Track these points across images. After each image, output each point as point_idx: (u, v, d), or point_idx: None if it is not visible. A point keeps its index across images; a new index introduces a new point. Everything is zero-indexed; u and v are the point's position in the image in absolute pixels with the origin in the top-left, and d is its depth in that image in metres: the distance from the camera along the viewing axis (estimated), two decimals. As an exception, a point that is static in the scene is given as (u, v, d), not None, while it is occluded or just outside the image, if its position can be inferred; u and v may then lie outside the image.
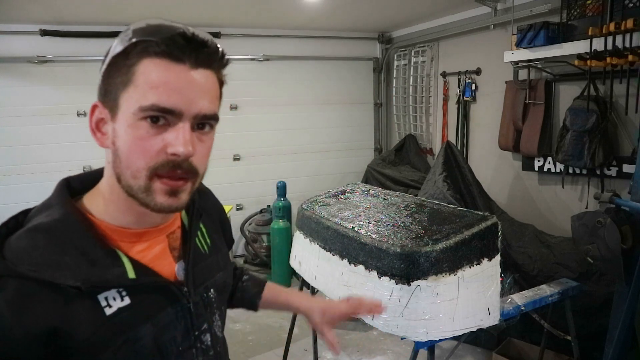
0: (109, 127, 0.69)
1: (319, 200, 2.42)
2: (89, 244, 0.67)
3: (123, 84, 0.65)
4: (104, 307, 0.66)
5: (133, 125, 0.65)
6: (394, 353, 3.11)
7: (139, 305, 0.70)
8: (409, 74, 4.73)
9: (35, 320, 0.61)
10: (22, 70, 3.94)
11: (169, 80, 0.64)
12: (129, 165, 0.67)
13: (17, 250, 0.64)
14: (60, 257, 0.64)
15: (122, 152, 0.67)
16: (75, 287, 0.63)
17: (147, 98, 0.64)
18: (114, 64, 0.67)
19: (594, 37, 2.49)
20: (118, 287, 0.68)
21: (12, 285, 0.61)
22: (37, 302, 0.61)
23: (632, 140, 2.71)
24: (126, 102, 0.65)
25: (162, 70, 0.64)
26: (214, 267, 0.86)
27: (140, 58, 0.64)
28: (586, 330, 2.45)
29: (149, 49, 0.64)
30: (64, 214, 0.68)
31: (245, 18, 4.06)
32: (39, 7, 3.37)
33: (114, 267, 0.68)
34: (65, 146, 4.13)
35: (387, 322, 1.79)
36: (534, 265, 2.71)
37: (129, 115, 0.65)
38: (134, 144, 0.65)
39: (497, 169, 3.77)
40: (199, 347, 0.79)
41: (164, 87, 0.64)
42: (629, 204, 1.92)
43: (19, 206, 0.75)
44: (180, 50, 0.64)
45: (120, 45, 0.66)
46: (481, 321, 1.82)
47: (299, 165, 4.88)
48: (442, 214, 1.97)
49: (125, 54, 0.65)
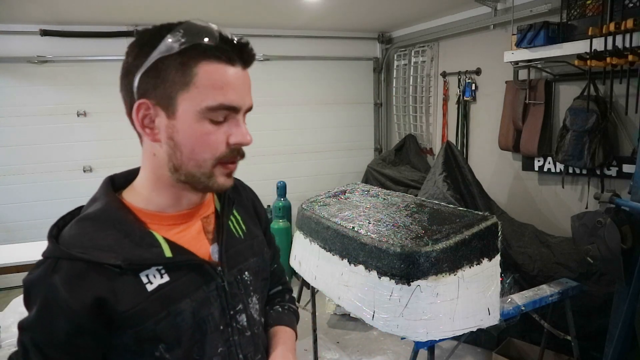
0: (160, 123, 0.75)
1: (319, 200, 2.42)
2: (129, 228, 0.76)
3: (182, 84, 0.72)
4: (145, 283, 0.75)
5: (198, 122, 0.74)
6: (394, 353, 3.11)
7: (177, 282, 0.77)
8: (409, 74, 4.72)
9: (85, 293, 0.71)
10: (22, 70, 3.94)
11: (230, 82, 0.74)
12: (193, 157, 0.76)
13: (69, 237, 0.75)
14: (104, 241, 0.74)
15: (184, 145, 0.75)
16: (117, 265, 0.72)
17: (215, 99, 0.73)
18: (166, 63, 0.72)
19: (594, 37, 2.49)
20: (156, 265, 0.76)
21: (65, 266, 0.71)
22: (86, 278, 0.71)
23: (632, 140, 2.71)
24: (187, 101, 0.73)
25: (222, 73, 0.73)
26: (248, 251, 0.91)
27: (198, 61, 0.72)
28: (586, 330, 2.45)
29: (207, 53, 0.72)
30: (106, 204, 0.78)
31: (245, 18, 4.06)
32: (39, 7, 3.36)
33: (151, 248, 0.76)
34: (65, 146, 4.13)
35: (387, 322, 1.79)
36: (534, 265, 2.71)
37: (193, 113, 0.73)
38: (201, 139, 0.74)
39: (497, 169, 3.77)
40: (235, 326, 0.85)
41: (227, 88, 0.74)
42: (629, 204, 1.92)
43: (19, 206, 0.77)
44: (233, 53, 0.74)
45: (173, 46, 0.71)
46: (481, 321, 1.82)
47: (299, 165, 4.88)
48: (442, 214, 1.97)
49: (181, 56, 0.71)
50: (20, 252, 2.75)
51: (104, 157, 4.21)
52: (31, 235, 3.75)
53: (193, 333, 0.79)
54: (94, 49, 4.07)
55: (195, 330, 0.79)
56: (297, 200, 3.16)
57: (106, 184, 0.83)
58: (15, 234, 3.94)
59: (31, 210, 4.02)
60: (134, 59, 0.74)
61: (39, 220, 4.02)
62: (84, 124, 4.16)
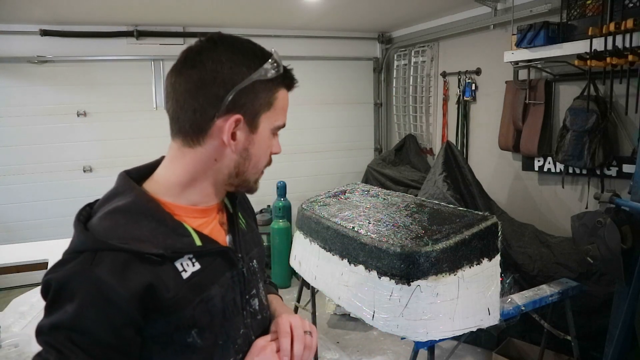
0: (241, 136, 0.83)
1: (319, 200, 2.42)
2: (160, 219, 0.79)
3: (266, 105, 0.83)
4: (180, 271, 0.79)
5: (269, 138, 0.87)
6: (394, 353, 3.11)
7: (207, 270, 0.82)
8: (409, 74, 4.72)
9: (135, 282, 0.72)
10: (22, 70, 3.94)
11: (286, 105, 0.89)
12: (257, 165, 0.88)
13: (103, 229, 0.75)
14: (140, 232, 0.76)
15: (255, 156, 0.86)
16: (159, 254, 0.75)
17: (282, 119, 0.88)
18: (259, 86, 0.81)
19: (594, 37, 2.49)
20: (189, 254, 0.80)
21: (109, 257, 0.72)
22: (133, 267, 0.73)
23: (632, 140, 2.71)
24: (267, 120, 0.85)
25: (286, 98, 0.88)
26: (252, 242, 0.99)
27: (279, 87, 0.85)
28: (586, 330, 2.45)
29: (285, 82, 0.85)
30: (135, 197, 0.80)
31: (245, 18, 4.06)
32: (39, 7, 3.36)
33: (184, 237, 0.81)
34: (65, 146, 4.12)
35: (387, 322, 1.79)
36: (534, 265, 2.71)
37: (268, 130, 0.86)
38: (266, 151, 0.88)
39: (497, 169, 3.77)
40: (248, 310, 0.91)
41: (284, 110, 0.88)
42: (629, 204, 1.92)
43: (19, 206, 0.76)
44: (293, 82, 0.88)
45: (271, 72, 0.81)
46: (481, 321, 1.82)
47: (299, 165, 4.88)
48: (442, 214, 1.98)
49: (272, 81, 0.82)
50: (20, 252, 2.75)
51: (104, 157, 4.21)
52: (31, 235, 3.75)
53: (222, 317, 0.84)
54: (94, 49, 4.07)
55: (223, 314, 0.84)
56: (297, 200, 3.16)
57: (126, 177, 0.84)
58: (15, 234, 3.94)
59: (31, 210, 4.01)
60: (231, 72, 0.79)
61: (39, 220, 4.01)
62: (84, 124, 4.15)
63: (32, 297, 2.03)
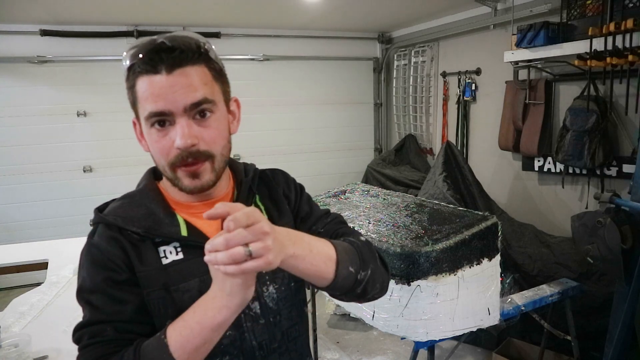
0: (144, 133, 0.86)
1: (318, 200, 2.42)
2: (155, 207, 0.87)
3: (135, 100, 0.82)
4: (161, 257, 0.84)
5: (148, 133, 0.83)
6: (394, 353, 3.11)
7: (189, 262, 0.85)
8: (409, 74, 4.72)
9: (118, 249, 0.84)
10: (22, 70, 3.94)
11: (153, 90, 0.79)
12: (158, 163, 0.85)
13: (110, 209, 0.89)
14: (133, 213, 0.86)
15: (152, 153, 0.85)
16: (137, 233, 0.84)
17: (145, 109, 0.80)
18: (126, 85, 0.83)
19: (594, 37, 2.49)
20: (172, 241, 0.85)
21: (102, 228, 0.86)
22: (117, 238, 0.84)
23: (632, 140, 2.71)
24: (140, 115, 0.83)
25: (147, 85, 0.79)
26: None
27: (135, 79, 0.80)
28: (586, 330, 2.45)
29: (136, 71, 0.80)
30: (144, 187, 0.92)
31: (245, 18, 4.06)
32: (39, 7, 3.36)
33: (171, 226, 0.86)
34: (65, 146, 4.13)
35: (387, 322, 1.79)
36: (534, 265, 2.71)
37: (144, 125, 0.83)
38: (153, 147, 0.83)
39: (497, 169, 3.77)
40: (247, 313, 0.89)
41: (151, 97, 0.79)
42: (629, 204, 1.92)
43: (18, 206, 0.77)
44: (154, 63, 0.78)
45: (125, 62, 0.81)
46: (481, 321, 1.82)
47: (299, 165, 4.88)
48: (442, 214, 1.97)
49: (127, 78, 0.82)
50: (20, 252, 2.74)
51: (104, 157, 4.21)
52: (31, 235, 3.76)
53: None
54: (94, 49, 4.07)
55: None
56: (297, 200, 3.15)
57: (149, 172, 0.95)
58: (15, 234, 3.94)
59: (31, 210, 4.01)
60: None
61: (39, 220, 4.01)
62: (83, 124, 4.15)
63: (32, 297, 2.03)
